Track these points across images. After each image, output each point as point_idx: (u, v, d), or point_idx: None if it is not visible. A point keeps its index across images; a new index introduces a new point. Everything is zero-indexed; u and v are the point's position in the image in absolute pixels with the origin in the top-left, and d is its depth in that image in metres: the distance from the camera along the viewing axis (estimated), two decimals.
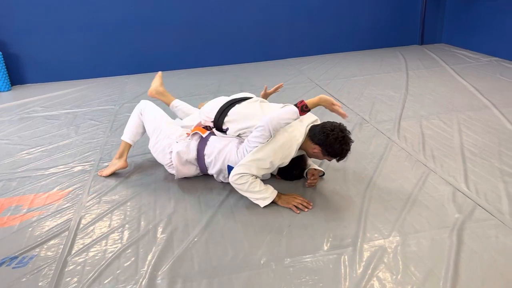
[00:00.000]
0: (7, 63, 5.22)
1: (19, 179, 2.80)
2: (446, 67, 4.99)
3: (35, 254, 2.02)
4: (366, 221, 2.13)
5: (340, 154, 2.27)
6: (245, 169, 2.26)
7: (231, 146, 2.43)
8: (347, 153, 2.28)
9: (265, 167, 2.27)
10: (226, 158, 2.42)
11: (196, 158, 2.50)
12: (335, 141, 2.22)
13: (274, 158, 2.26)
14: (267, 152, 2.26)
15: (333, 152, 2.26)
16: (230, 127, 2.52)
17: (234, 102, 2.59)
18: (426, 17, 6.15)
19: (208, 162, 2.49)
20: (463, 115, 3.45)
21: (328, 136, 2.23)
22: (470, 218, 2.11)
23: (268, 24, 5.81)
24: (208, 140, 2.50)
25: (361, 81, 4.65)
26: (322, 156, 2.32)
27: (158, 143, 2.60)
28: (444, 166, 2.64)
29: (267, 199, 2.28)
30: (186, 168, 2.55)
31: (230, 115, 2.53)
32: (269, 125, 2.24)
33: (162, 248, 2.02)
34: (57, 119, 3.97)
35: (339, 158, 2.30)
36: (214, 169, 2.49)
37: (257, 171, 2.26)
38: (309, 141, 2.32)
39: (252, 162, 2.26)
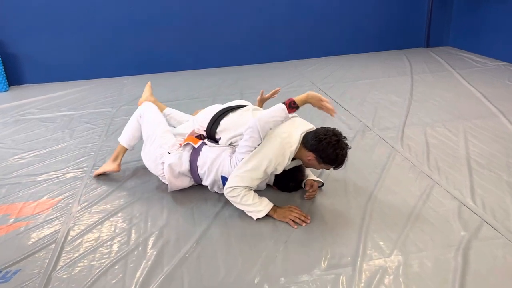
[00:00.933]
0: (5, 63, 5.15)
1: (9, 185, 2.71)
2: (452, 72, 4.87)
3: (19, 269, 1.93)
4: (367, 238, 2.02)
5: (335, 161, 2.13)
6: (238, 181, 2.16)
7: (224, 156, 2.33)
8: (343, 159, 2.15)
9: (259, 177, 2.17)
10: (220, 169, 2.32)
11: (189, 170, 2.40)
12: (328, 146, 2.10)
13: (268, 166, 2.15)
14: (259, 159, 2.15)
15: (327, 158, 2.13)
16: (222, 137, 2.43)
17: (227, 111, 2.50)
18: (432, 19, 6.02)
19: (202, 173, 2.39)
20: (469, 123, 3.33)
21: (320, 141, 2.12)
22: (476, 236, 2.00)
23: (270, 25, 5.70)
24: (201, 151, 2.40)
25: (364, 85, 4.53)
26: (318, 164, 2.20)
27: (150, 153, 2.51)
28: (449, 178, 2.53)
29: (261, 212, 2.18)
30: (179, 181, 2.44)
31: (223, 124, 2.45)
32: (257, 126, 2.15)
33: (151, 264, 1.92)
34: (52, 122, 3.88)
35: (335, 165, 2.16)
36: (208, 180, 2.39)
37: (251, 182, 2.17)
38: (303, 149, 2.21)
39: (245, 173, 2.16)
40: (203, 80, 5.12)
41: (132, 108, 4.13)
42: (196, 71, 5.61)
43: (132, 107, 4.15)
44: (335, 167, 2.20)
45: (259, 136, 2.17)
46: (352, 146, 3.00)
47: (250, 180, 2.17)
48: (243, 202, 2.18)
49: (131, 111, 3.93)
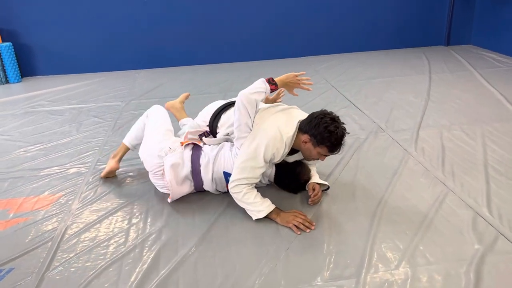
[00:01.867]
0: (18, 54, 5.16)
1: (12, 179, 2.68)
2: (472, 71, 4.68)
3: (13, 267, 1.89)
4: (373, 247, 1.92)
5: (329, 139, 2.05)
6: (240, 172, 2.10)
7: (223, 151, 2.27)
8: (338, 138, 2.07)
9: (259, 165, 2.10)
10: (222, 165, 2.25)
11: (191, 171, 2.30)
12: (321, 122, 2.05)
13: (265, 152, 2.09)
14: (255, 146, 2.10)
15: (320, 137, 2.05)
16: (220, 131, 2.38)
17: (228, 105, 2.43)
18: (453, 16, 5.80)
19: (204, 173, 2.30)
20: (488, 127, 3.17)
21: (313, 118, 2.10)
22: (491, 250, 1.87)
23: (284, 20, 5.58)
24: (202, 150, 2.32)
25: (380, 84, 4.39)
26: (313, 148, 2.12)
27: (148, 147, 2.40)
28: (464, 185, 2.40)
29: (261, 213, 2.10)
30: (181, 188, 2.32)
31: (223, 118, 2.40)
32: (240, 99, 2.10)
33: (147, 267, 1.86)
34: (61, 115, 3.86)
35: (330, 145, 2.07)
36: (210, 181, 2.30)
37: (252, 171, 2.10)
38: (299, 134, 2.15)
39: (244, 163, 2.10)
40: (215, 75, 5.04)
41: (141, 102, 4.08)
42: (209, 66, 5.53)
43: (142, 102, 4.12)
44: (331, 149, 2.10)
45: (246, 111, 2.11)
46: (363, 148, 2.90)
47: (251, 169, 2.10)
48: (245, 199, 2.11)
49: (140, 106, 3.92)
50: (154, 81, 4.90)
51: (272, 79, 2.19)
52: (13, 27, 5.08)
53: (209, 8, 5.39)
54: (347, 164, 2.70)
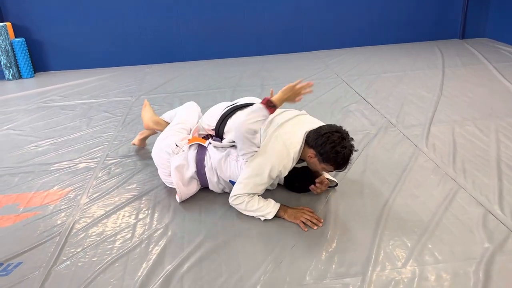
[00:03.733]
0: (31, 49, 5.21)
1: (23, 174, 2.72)
2: (487, 65, 4.58)
3: (21, 261, 1.91)
4: (380, 245, 1.89)
5: (335, 159, 1.98)
6: (242, 188, 2.07)
7: (229, 160, 2.20)
8: (344, 159, 1.99)
9: (263, 182, 2.06)
10: (227, 173, 2.21)
11: (196, 171, 2.29)
12: (328, 141, 1.97)
13: (271, 170, 2.03)
14: (261, 164, 2.04)
15: (326, 155, 1.98)
16: (226, 138, 2.32)
17: (236, 109, 2.38)
18: (468, 8, 5.68)
19: (210, 175, 2.28)
20: (502, 122, 3.10)
21: (320, 136, 2.00)
22: (501, 249, 1.83)
23: (295, 14, 5.53)
24: (207, 151, 2.30)
25: (392, 78, 4.32)
26: (318, 164, 2.05)
27: (159, 144, 2.42)
28: (476, 182, 2.35)
29: (269, 214, 2.08)
30: (189, 188, 2.31)
31: (229, 124, 2.33)
32: (239, 136, 2.02)
33: (153, 263, 1.86)
34: (72, 110, 3.89)
35: (335, 164, 2.00)
36: (215, 183, 2.29)
37: (255, 188, 2.07)
38: (306, 147, 2.08)
39: (248, 179, 2.06)
40: (224, 70, 5.03)
41: (151, 97, 4.09)
42: (218, 60, 5.52)
43: (152, 97, 4.12)
44: (336, 168, 2.04)
45: (248, 141, 2.03)
46: (373, 144, 2.86)
47: (254, 186, 2.07)
48: (249, 208, 2.09)
49: (149, 101, 3.90)
50: (163, 76, 4.90)
51: (270, 101, 1.97)
52: (25, 23, 5.14)
53: (219, 3, 5.37)
54: (356, 160, 2.67)
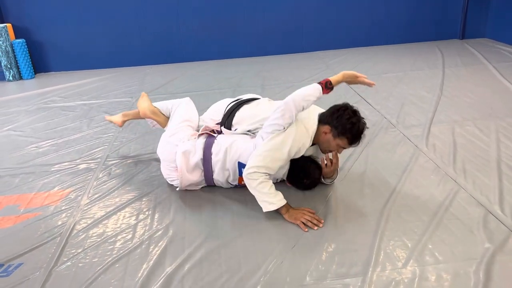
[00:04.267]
0: (31, 50, 5.22)
1: (23, 175, 2.72)
2: (487, 65, 4.58)
3: (21, 262, 1.91)
4: (381, 245, 1.89)
5: (351, 130, 2.10)
6: (260, 160, 2.08)
7: (240, 141, 2.26)
8: (359, 131, 2.11)
9: (281, 157, 2.10)
10: (236, 154, 2.23)
11: (202, 158, 2.30)
12: (344, 114, 2.12)
13: (291, 146, 2.11)
14: (283, 138, 2.10)
15: (342, 127, 2.10)
16: (238, 128, 2.37)
17: (242, 103, 2.41)
18: (468, 9, 5.68)
19: (215, 161, 2.28)
20: (503, 122, 3.10)
21: (337, 110, 2.15)
22: (502, 249, 1.83)
23: (295, 14, 5.53)
24: (216, 139, 2.33)
25: (392, 79, 4.32)
26: (333, 139, 2.15)
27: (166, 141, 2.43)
28: (476, 182, 2.35)
29: (272, 205, 2.08)
30: (192, 175, 2.33)
31: (238, 116, 2.39)
32: (291, 103, 2.09)
33: (153, 264, 1.86)
34: (72, 111, 3.90)
35: (351, 136, 2.11)
36: (221, 170, 2.29)
37: (272, 163, 2.09)
38: (320, 126, 2.19)
39: (268, 152, 2.09)
40: (225, 70, 5.03)
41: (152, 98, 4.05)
42: (219, 61, 5.52)
43: (152, 97, 4.07)
44: (351, 141, 2.13)
45: (292, 115, 2.10)
46: (373, 144, 2.87)
47: (272, 160, 2.09)
48: (259, 188, 2.08)
49: None
50: (164, 76, 4.91)
51: (330, 82, 2.16)
52: (26, 24, 5.14)
53: (219, 4, 5.37)
54: (357, 160, 2.67)
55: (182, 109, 2.64)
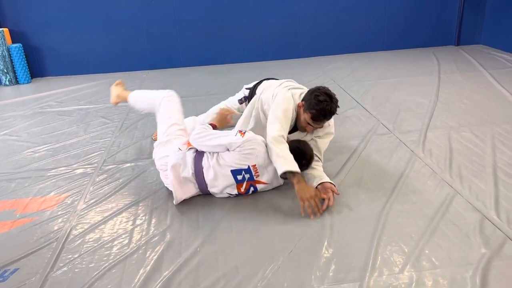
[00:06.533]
0: (28, 55, 5.22)
1: (19, 180, 2.71)
2: (483, 72, 4.62)
3: (17, 267, 1.90)
4: (378, 250, 1.89)
5: (314, 107, 2.29)
6: (277, 123, 2.30)
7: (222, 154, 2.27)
8: (323, 108, 2.28)
9: (289, 116, 2.38)
10: (227, 164, 2.23)
11: (194, 173, 2.29)
12: (315, 92, 2.33)
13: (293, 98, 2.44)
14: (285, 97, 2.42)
15: (309, 104, 2.32)
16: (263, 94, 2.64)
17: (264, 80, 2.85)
18: (464, 15, 5.74)
19: (208, 177, 2.27)
20: (498, 128, 3.12)
21: (313, 90, 2.38)
22: (498, 254, 1.84)
23: (292, 20, 5.56)
24: (205, 152, 2.31)
25: (388, 85, 4.35)
26: (302, 114, 2.37)
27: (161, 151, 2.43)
28: (472, 188, 2.36)
29: (288, 165, 2.15)
30: (185, 188, 2.30)
31: (260, 87, 2.74)
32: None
33: (150, 269, 1.85)
34: (69, 116, 3.89)
35: (314, 113, 2.30)
36: (217, 183, 2.28)
37: (286, 122, 2.34)
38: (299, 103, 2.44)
39: (280, 116, 2.33)
40: (222, 76, 5.04)
41: None
42: (217, 66, 5.54)
43: None
44: (314, 116, 2.31)
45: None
46: (370, 149, 2.88)
47: (285, 119, 2.34)
48: (280, 152, 2.19)
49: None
50: (161, 81, 4.91)
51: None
52: (23, 29, 5.14)
53: (216, 9, 5.40)
54: (353, 165, 2.68)
55: (168, 108, 2.62)
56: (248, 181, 2.28)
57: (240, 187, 2.28)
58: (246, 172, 2.25)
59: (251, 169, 2.25)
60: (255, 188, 2.32)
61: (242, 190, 2.30)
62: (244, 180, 2.27)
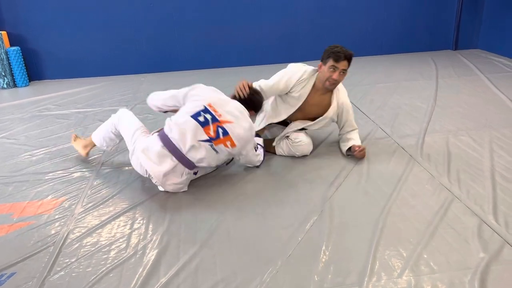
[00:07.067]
0: (25, 58, 5.21)
1: (16, 183, 2.70)
2: (480, 76, 4.63)
3: (14, 272, 1.89)
4: (376, 254, 1.89)
5: (330, 50, 2.63)
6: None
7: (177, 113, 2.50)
8: (337, 49, 2.61)
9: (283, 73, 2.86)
10: (182, 112, 2.44)
11: (163, 145, 2.36)
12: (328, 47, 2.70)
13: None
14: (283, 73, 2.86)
15: (325, 53, 2.66)
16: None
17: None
18: (461, 20, 5.77)
19: (174, 138, 2.34)
20: (496, 133, 3.12)
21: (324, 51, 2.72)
22: (496, 258, 1.84)
23: (291, 24, 5.58)
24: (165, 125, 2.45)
25: (386, 89, 4.36)
26: (324, 66, 2.65)
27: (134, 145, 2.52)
28: (470, 192, 2.36)
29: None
30: (163, 165, 2.34)
31: None
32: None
33: (147, 273, 1.85)
34: (67, 119, 3.88)
35: (333, 55, 2.59)
36: (187, 140, 2.32)
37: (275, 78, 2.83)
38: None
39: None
40: (220, 79, 5.04)
41: (146, 106, 4.04)
42: (214, 70, 5.54)
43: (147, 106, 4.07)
44: (334, 57, 2.59)
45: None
46: (368, 153, 2.88)
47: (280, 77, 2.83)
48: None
49: (144, 110, 3.93)
50: (159, 85, 4.90)
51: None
52: (21, 32, 5.14)
53: (215, 13, 5.41)
54: (352, 169, 2.68)
55: (125, 121, 2.69)
56: (213, 122, 2.34)
57: (208, 130, 2.33)
58: (205, 112, 2.36)
59: (209, 109, 2.37)
60: (224, 130, 2.36)
61: (212, 134, 2.33)
62: (208, 122, 2.35)
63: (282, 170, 2.73)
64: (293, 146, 2.83)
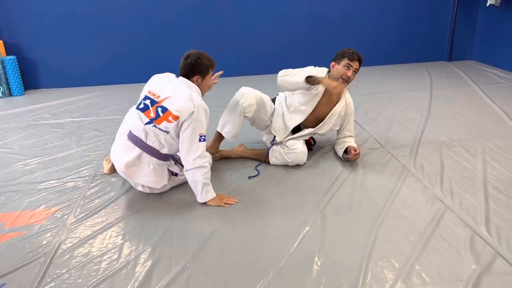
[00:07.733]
0: (21, 67, 5.21)
1: (9, 193, 2.68)
2: (474, 87, 4.67)
3: (4, 283, 1.87)
4: (368, 265, 1.89)
5: (345, 51, 2.81)
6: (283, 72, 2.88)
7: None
8: (350, 50, 2.81)
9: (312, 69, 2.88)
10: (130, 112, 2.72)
11: (128, 139, 2.52)
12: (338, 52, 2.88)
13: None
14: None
15: (339, 54, 2.85)
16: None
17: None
18: (455, 31, 5.82)
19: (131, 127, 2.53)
20: (489, 144, 3.14)
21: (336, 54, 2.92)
22: (488, 270, 1.84)
23: (288, 34, 5.62)
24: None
25: (381, 99, 4.38)
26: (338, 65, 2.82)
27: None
28: (463, 203, 2.37)
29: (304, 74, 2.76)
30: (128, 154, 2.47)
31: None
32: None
33: (139, 284, 1.83)
34: (61, 128, 3.88)
35: (348, 54, 2.79)
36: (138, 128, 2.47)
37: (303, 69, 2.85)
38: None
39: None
40: (216, 89, 5.02)
41: None
42: None
43: None
44: (349, 56, 2.78)
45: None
46: (362, 164, 2.89)
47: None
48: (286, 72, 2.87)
49: None
50: None
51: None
52: (17, 41, 5.15)
53: (211, 23, 5.44)
54: (345, 180, 2.68)
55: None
56: (152, 106, 2.44)
57: (149, 113, 2.42)
58: (145, 99, 2.48)
59: (148, 95, 2.49)
60: (162, 108, 2.41)
61: (152, 115, 2.41)
62: (148, 107, 2.44)
63: (275, 181, 2.74)
64: (288, 154, 2.84)
